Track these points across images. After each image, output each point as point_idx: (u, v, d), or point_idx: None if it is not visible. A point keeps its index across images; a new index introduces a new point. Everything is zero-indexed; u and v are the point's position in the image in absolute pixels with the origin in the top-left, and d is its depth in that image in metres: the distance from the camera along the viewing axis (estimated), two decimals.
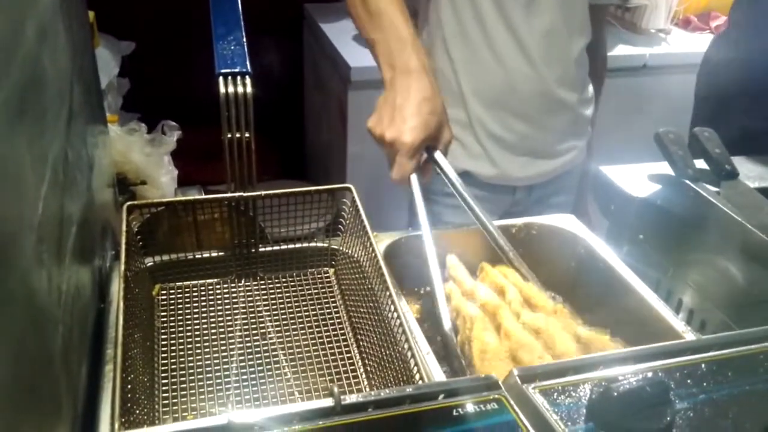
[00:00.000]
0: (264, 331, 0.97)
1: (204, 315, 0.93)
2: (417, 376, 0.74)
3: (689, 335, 0.87)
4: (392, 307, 0.82)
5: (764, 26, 1.68)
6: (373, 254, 0.89)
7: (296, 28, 2.63)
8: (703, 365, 0.67)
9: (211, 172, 2.36)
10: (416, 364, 0.74)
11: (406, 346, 0.76)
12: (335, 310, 0.97)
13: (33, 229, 0.55)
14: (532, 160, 1.40)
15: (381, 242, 0.99)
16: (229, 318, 0.94)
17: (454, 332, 0.85)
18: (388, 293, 0.88)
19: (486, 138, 1.35)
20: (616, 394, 0.59)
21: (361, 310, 0.92)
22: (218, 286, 0.98)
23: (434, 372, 0.78)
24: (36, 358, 0.54)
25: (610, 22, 2.42)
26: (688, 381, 0.64)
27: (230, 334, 0.93)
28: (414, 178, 0.95)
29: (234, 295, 0.98)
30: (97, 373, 0.74)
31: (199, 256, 0.99)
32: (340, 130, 2.20)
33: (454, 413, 0.57)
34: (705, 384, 0.63)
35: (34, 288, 0.55)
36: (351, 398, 0.60)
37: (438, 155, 0.98)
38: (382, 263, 0.87)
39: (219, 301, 0.96)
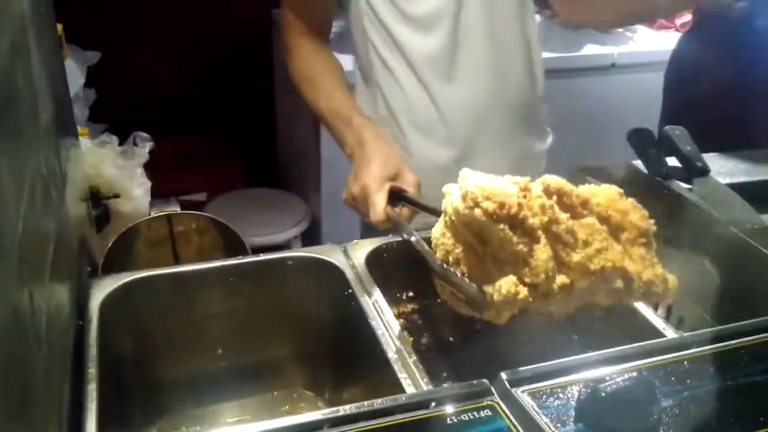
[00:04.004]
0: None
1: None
2: (405, 383, 0.74)
3: (669, 332, 0.89)
4: (376, 314, 0.82)
5: (727, 24, 1.72)
6: (355, 261, 0.89)
7: (265, 33, 2.61)
8: (685, 362, 0.68)
9: (185, 181, 2.34)
10: (405, 372, 0.74)
11: (394, 355, 0.76)
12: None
13: (14, 249, 0.54)
14: None
15: (362, 249, 0.99)
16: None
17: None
18: (371, 300, 0.88)
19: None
20: (603, 394, 0.60)
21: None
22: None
23: (423, 380, 0.77)
24: (22, 380, 0.53)
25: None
26: (672, 378, 0.65)
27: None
28: (391, 209, 0.96)
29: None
30: (80, 392, 0.73)
31: (178, 270, 0.97)
32: (313, 136, 2.19)
33: (448, 421, 0.57)
34: (688, 381, 0.64)
35: (18, 309, 0.53)
36: (343, 409, 0.59)
37: (409, 196, 0.98)
38: (364, 269, 0.87)
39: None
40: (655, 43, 2.41)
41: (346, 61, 1.34)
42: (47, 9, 0.89)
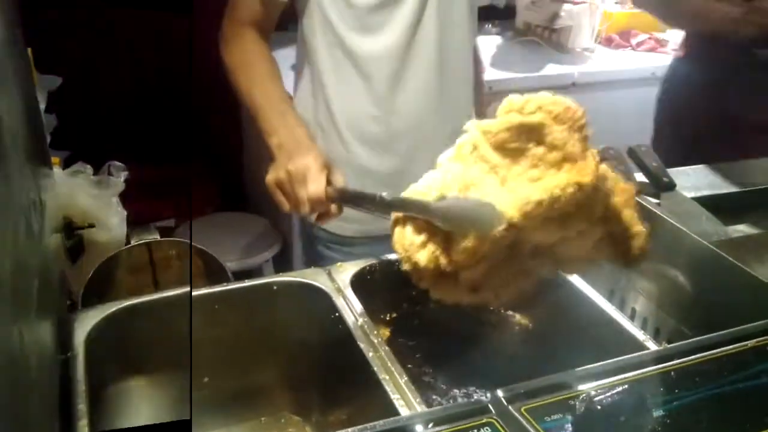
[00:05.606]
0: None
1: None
2: (398, 404, 0.74)
3: (650, 344, 0.91)
4: (364, 336, 0.82)
5: (718, 54, 1.74)
6: (340, 283, 0.89)
7: None
8: (672, 373, 0.70)
9: (153, 208, 2.31)
10: (398, 393, 0.74)
11: (385, 377, 0.77)
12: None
13: (6, 287, 0.53)
14: None
15: (346, 271, 0.99)
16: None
17: None
18: (359, 322, 0.88)
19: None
20: (600, 407, 0.61)
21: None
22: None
23: (415, 400, 0.78)
24: (21, 420, 0.52)
25: (537, 43, 2.51)
26: (665, 389, 0.66)
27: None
28: (331, 188, 1.00)
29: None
30: (70, 429, 0.71)
31: (159, 296, 0.96)
32: None
33: None
34: (682, 390, 0.66)
35: (12, 350, 0.52)
36: None
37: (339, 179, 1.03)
38: (349, 292, 0.87)
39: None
40: (612, 61, 2.48)
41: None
42: (19, 32, 0.88)
